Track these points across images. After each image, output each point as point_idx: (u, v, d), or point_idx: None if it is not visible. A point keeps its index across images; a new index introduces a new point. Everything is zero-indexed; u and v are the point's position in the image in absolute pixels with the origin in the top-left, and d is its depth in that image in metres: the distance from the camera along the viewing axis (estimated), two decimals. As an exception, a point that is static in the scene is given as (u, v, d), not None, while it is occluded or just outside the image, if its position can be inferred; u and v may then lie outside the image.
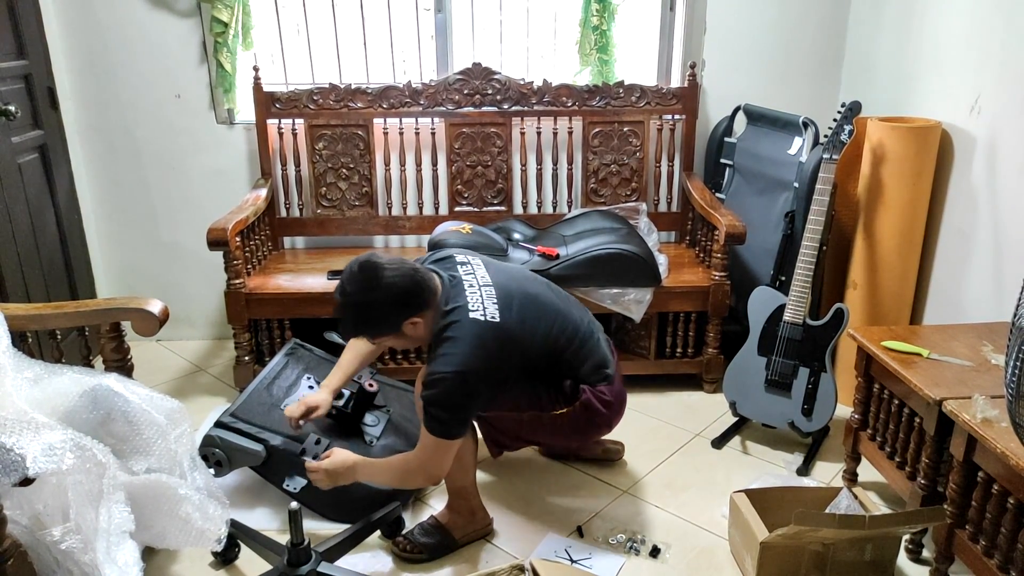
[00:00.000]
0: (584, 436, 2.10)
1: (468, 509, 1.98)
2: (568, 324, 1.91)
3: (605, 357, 1.97)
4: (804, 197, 2.44)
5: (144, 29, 2.81)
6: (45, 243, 2.66)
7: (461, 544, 1.97)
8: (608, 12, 2.84)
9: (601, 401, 1.92)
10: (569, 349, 1.89)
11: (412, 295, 1.71)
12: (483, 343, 1.71)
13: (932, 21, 2.44)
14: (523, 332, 1.80)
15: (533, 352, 1.83)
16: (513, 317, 1.78)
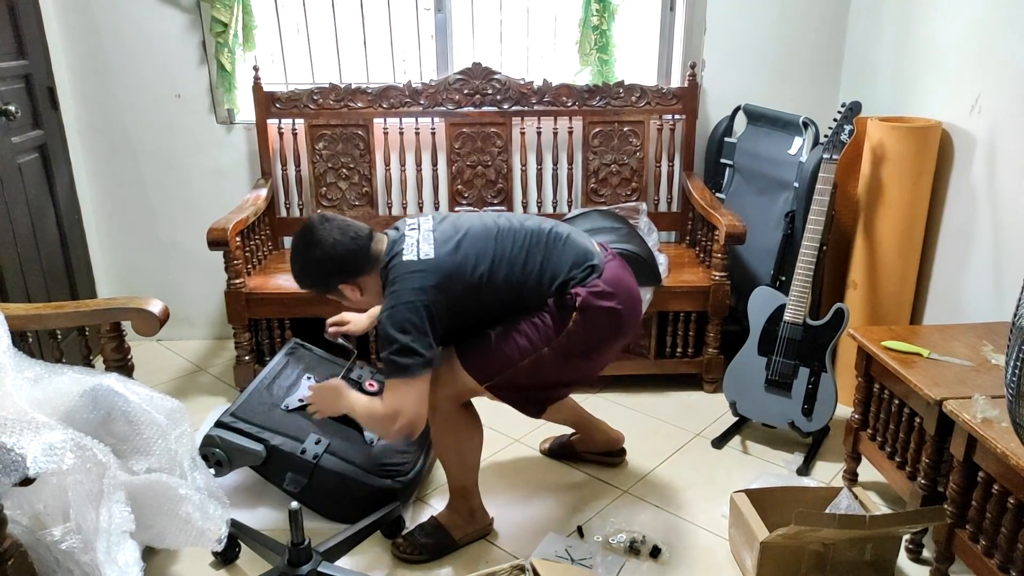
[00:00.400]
0: (605, 346, 1.86)
1: (468, 509, 1.97)
2: (525, 233, 1.81)
3: (585, 250, 1.83)
4: (804, 197, 2.44)
5: (144, 29, 2.81)
6: (45, 243, 2.66)
7: (461, 544, 1.96)
8: (608, 12, 2.84)
9: (597, 295, 1.77)
10: (538, 258, 1.78)
11: (342, 262, 1.74)
12: (412, 279, 1.70)
13: (932, 21, 2.44)
14: (465, 258, 1.74)
15: (491, 276, 1.75)
16: (448, 248, 1.75)
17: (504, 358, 1.78)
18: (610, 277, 1.82)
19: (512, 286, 1.78)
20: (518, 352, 1.78)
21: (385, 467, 2.07)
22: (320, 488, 2.01)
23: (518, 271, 1.78)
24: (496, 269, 1.77)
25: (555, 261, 1.80)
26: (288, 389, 2.19)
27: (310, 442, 2.04)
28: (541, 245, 1.82)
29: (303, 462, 2.00)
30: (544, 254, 1.80)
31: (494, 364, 1.79)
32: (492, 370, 1.79)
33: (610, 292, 1.79)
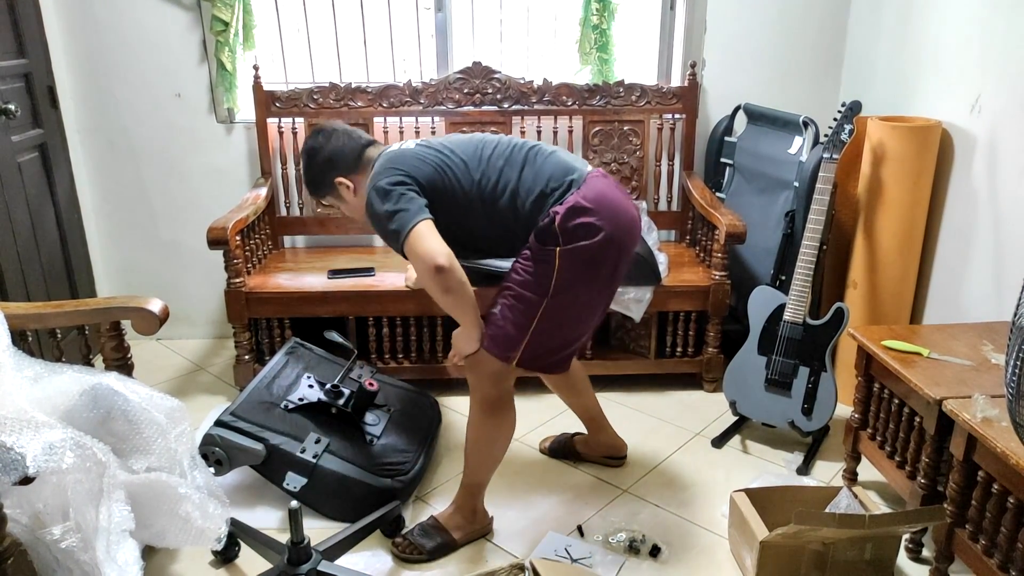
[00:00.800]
0: (601, 272, 1.78)
1: (471, 508, 1.97)
2: (505, 142, 1.84)
3: (566, 165, 1.79)
4: (804, 196, 2.44)
5: (144, 28, 2.81)
6: (45, 242, 2.66)
7: (461, 545, 1.96)
8: (608, 11, 2.84)
9: (574, 211, 1.70)
10: (516, 170, 1.77)
11: (339, 155, 1.86)
12: (389, 159, 1.80)
13: (932, 21, 2.44)
14: (441, 152, 1.81)
15: (466, 176, 1.78)
16: (426, 145, 1.84)
17: (516, 328, 1.77)
18: (590, 191, 1.73)
19: (489, 195, 1.78)
20: (525, 317, 1.76)
21: (385, 466, 2.07)
22: (320, 487, 2.01)
23: (494, 177, 1.79)
24: (473, 171, 1.79)
25: (533, 173, 1.78)
26: (288, 388, 2.20)
27: (310, 441, 2.04)
28: (521, 157, 1.81)
29: (303, 461, 2.00)
30: (523, 166, 1.79)
31: (510, 339, 1.78)
32: (511, 345, 1.79)
33: (588, 208, 1.71)
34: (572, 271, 1.73)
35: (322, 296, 2.55)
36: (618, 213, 1.76)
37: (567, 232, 1.71)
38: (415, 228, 1.69)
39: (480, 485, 1.96)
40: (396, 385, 2.44)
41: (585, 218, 1.71)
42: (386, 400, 2.32)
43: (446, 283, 1.70)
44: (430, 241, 1.69)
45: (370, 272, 2.68)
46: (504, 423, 1.90)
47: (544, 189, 1.75)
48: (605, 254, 1.75)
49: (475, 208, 1.79)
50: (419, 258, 1.70)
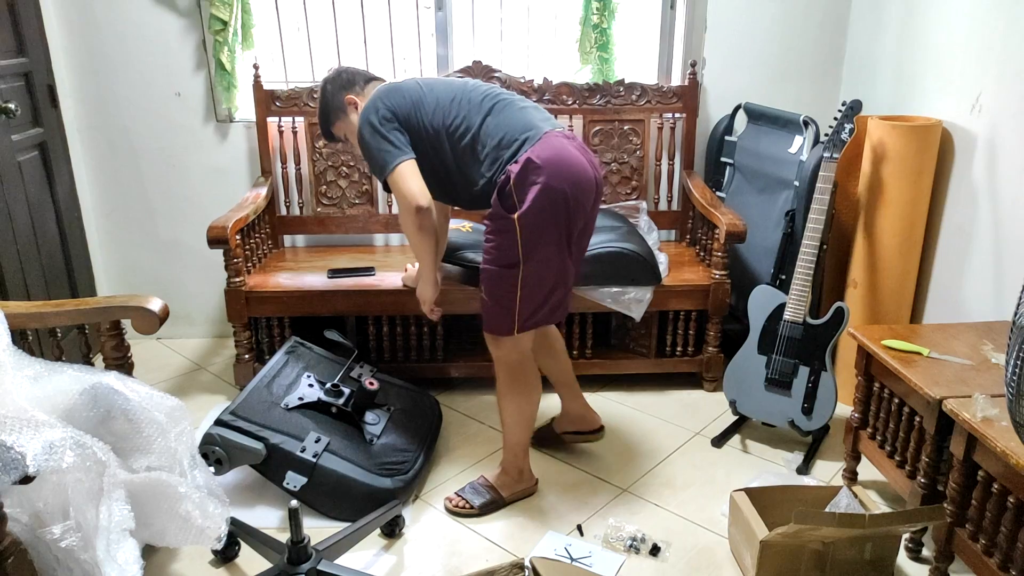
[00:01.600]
0: (552, 228, 1.86)
1: (517, 468, 2.10)
2: (481, 90, 1.98)
3: (527, 121, 1.90)
4: (804, 196, 2.44)
5: (144, 27, 2.81)
6: (45, 241, 2.66)
7: (508, 502, 2.09)
8: (608, 10, 2.83)
9: (528, 168, 1.80)
10: (478, 116, 1.92)
11: (351, 78, 2.07)
12: (382, 93, 1.98)
13: (933, 20, 2.44)
14: (423, 88, 1.99)
15: (438, 112, 1.94)
16: (419, 81, 2.02)
17: (506, 303, 1.91)
18: (544, 149, 1.83)
19: (453, 138, 1.94)
20: (508, 291, 1.90)
21: (385, 466, 2.07)
22: (320, 487, 2.01)
23: (458, 121, 1.93)
24: (444, 113, 1.94)
25: (495, 123, 1.91)
26: (288, 387, 2.20)
27: (310, 441, 2.04)
28: (488, 106, 1.94)
29: (303, 460, 2.00)
30: (487, 115, 1.93)
31: (505, 315, 1.93)
32: (508, 319, 1.93)
33: (538, 165, 1.81)
34: (534, 233, 1.85)
35: (322, 295, 2.55)
36: (569, 169, 1.85)
37: (520, 189, 1.82)
38: (400, 166, 1.90)
39: (521, 445, 2.09)
40: (396, 384, 2.44)
41: (535, 176, 1.82)
42: (386, 399, 2.32)
43: (422, 222, 1.93)
44: (412, 181, 1.90)
45: (370, 272, 2.68)
46: (528, 383, 2.04)
47: (500, 141, 1.89)
48: (558, 210, 1.85)
49: (443, 149, 1.96)
50: (402, 195, 1.92)
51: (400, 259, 2.87)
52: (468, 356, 2.72)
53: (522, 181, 1.82)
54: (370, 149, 1.95)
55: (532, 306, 1.93)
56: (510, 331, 1.95)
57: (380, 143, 1.92)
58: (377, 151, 1.93)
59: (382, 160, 1.92)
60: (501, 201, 1.86)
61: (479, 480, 2.12)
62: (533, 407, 2.08)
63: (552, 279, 1.94)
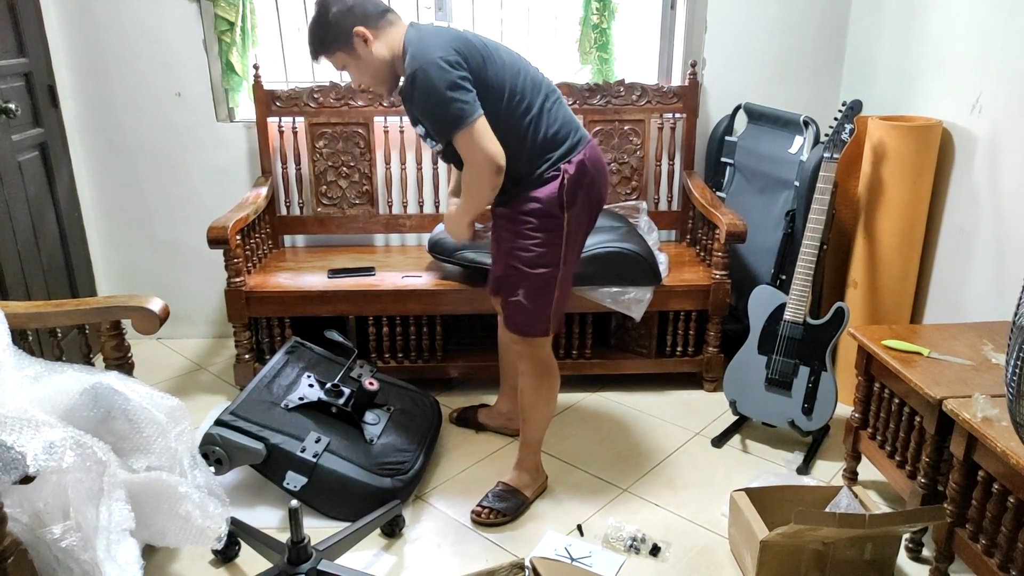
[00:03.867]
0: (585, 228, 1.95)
1: (534, 465, 2.12)
2: (533, 70, 1.90)
3: (576, 121, 1.93)
4: (805, 196, 2.44)
5: (144, 27, 2.81)
6: (45, 241, 2.66)
7: (532, 500, 2.11)
8: (608, 10, 2.83)
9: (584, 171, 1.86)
10: (539, 97, 1.85)
11: (360, 6, 1.81)
12: (440, 40, 1.75)
13: (933, 20, 2.44)
14: (490, 47, 1.83)
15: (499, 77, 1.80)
16: (477, 36, 1.84)
17: (544, 306, 1.93)
18: (593, 153, 1.90)
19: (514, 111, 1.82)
20: (546, 294, 1.92)
21: (385, 466, 2.07)
22: (320, 487, 2.01)
23: (521, 95, 1.82)
24: (511, 79, 1.82)
25: (553, 108, 1.87)
26: (288, 387, 2.20)
27: (310, 440, 2.04)
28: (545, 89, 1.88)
29: (303, 461, 2.00)
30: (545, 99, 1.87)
31: (542, 317, 1.95)
32: (544, 321, 1.96)
33: (590, 171, 1.87)
34: (575, 235, 1.90)
35: (322, 295, 2.55)
36: (605, 175, 1.96)
37: (573, 191, 1.84)
38: (477, 122, 1.72)
39: (540, 442, 2.12)
40: (396, 384, 2.44)
41: (587, 179, 1.87)
42: (386, 399, 2.32)
43: (496, 182, 1.78)
44: (491, 139, 1.73)
45: (370, 272, 2.68)
46: (554, 380, 2.07)
47: (558, 131, 1.86)
48: (593, 215, 1.96)
49: (499, 115, 1.80)
50: (480, 152, 1.73)
51: (400, 259, 2.87)
52: (467, 356, 2.72)
53: (576, 183, 1.85)
54: (436, 104, 1.72)
55: (561, 306, 1.98)
56: (545, 332, 1.98)
57: (452, 98, 1.70)
58: (447, 105, 1.70)
59: (452, 116, 1.70)
60: (554, 199, 1.84)
61: (499, 487, 2.10)
62: (554, 405, 2.11)
63: (573, 275, 2.00)
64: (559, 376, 2.09)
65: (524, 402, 2.07)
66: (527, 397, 2.06)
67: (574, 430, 2.49)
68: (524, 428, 2.10)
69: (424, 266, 2.74)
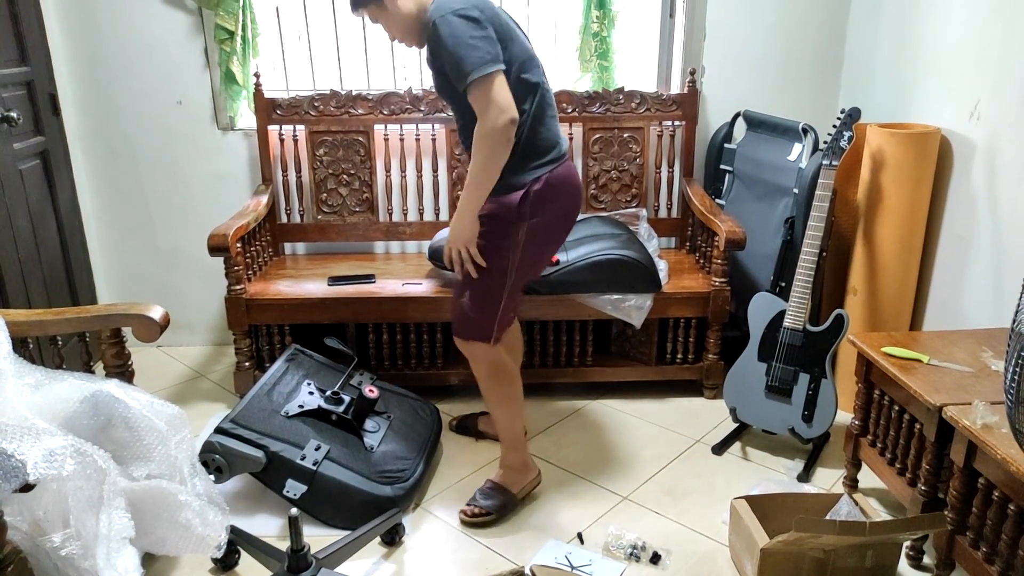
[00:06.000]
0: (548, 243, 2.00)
1: (520, 462, 2.11)
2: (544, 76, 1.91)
3: (561, 135, 1.96)
4: (804, 203, 2.44)
5: (146, 35, 2.82)
6: (46, 249, 2.66)
7: (520, 498, 2.11)
8: (608, 19, 2.85)
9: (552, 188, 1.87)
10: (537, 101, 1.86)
11: None
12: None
13: (930, 28, 2.45)
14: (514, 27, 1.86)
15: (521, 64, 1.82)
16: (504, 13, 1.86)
17: (489, 314, 1.95)
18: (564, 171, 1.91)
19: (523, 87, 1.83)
20: (493, 302, 1.93)
21: (385, 474, 2.07)
22: (320, 495, 2.01)
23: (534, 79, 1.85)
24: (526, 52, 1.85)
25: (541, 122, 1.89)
26: (288, 395, 2.20)
27: (310, 448, 2.04)
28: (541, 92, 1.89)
29: (303, 468, 2.00)
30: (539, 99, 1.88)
31: (487, 325, 1.96)
32: (488, 329, 1.96)
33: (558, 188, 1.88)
34: (534, 248, 1.92)
35: (322, 303, 2.55)
36: (575, 195, 1.97)
37: (538, 205, 1.86)
38: (496, 74, 1.70)
39: (518, 437, 2.10)
40: (396, 392, 2.44)
41: (556, 198, 1.89)
42: (386, 407, 2.32)
43: (508, 135, 1.72)
44: (504, 91, 1.70)
45: (370, 279, 2.68)
46: (507, 376, 2.06)
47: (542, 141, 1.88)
48: (559, 227, 1.98)
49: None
50: (495, 105, 1.69)
51: (400, 266, 2.88)
52: (467, 363, 2.71)
53: (541, 199, 1.87)
54: (460, 45, 1.69)
55: (508, 312, 1.98)
56: (486, 339, 1.97)
57: (478, 43, 1.69)
58: (471, 49, 1.68)
59: (476, 59, 1.68)
60: (514, 206, 1.85)
61: (486, 485, 2.12)
62: (518, 398, 2.09)
63: (526, 280, 2.02)
64: (516, 371, 2.09)
65: (486, 402, 2.10)
66: (487, 397, 2.09)
67: (574, 438, 2.49)
68: (496, 427, 2.13)
69: (424, 273, 2.74)
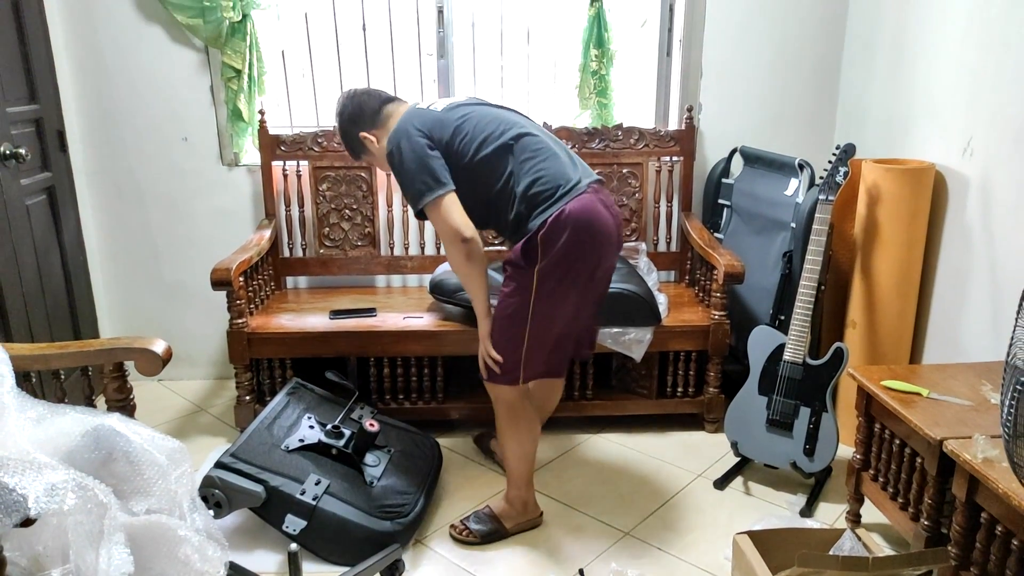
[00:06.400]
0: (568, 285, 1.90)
1: (522, 501, 2.13)
2: (515, 121, 1.94)
3: (560, 171, 1.88)
4: (801, 237, 2.47)
5: (153, 74, 2.88)
6: (50, 283, 2.68)
7: (511, 533, 2.13)
8: (607, 58, 2.91)
9: (559, 225, 1.82)
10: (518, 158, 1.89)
11: (358, 112, 2.02)
12: (410, 119, 1.93)
13: (923, 66, 2.50)
14: (460, 121, 1.92)
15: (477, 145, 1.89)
16: (454, 111, 1.94)
17: (513, 356, 1.95)
18: (577, 205, 1.84)
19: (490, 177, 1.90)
20: (515, 344, 1.94)
21: (385, 509, 2.06)
22: (319, 530, 2.00)
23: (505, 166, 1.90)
24: (481, 145, 1.90)
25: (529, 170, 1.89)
26: (289, 429, 2.19)
27: (310, 483, 2.03)
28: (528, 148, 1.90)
29: (302, 503, 1.99)
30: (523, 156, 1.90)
31: (511, 367, 1.97)
32: (514, 371, 1.97)
33: (564, 223, 1.83)
34: (548, 290, 1.88)
35: (324, 336, 2.56)
36: (594, 228, 1.87)
37: (547, 245, 1.85)
38: (443, 198, 1.86)
39: (524, 478, 2.11)
40: (397, 426, 2.44)
41: (562, 233, 1.84)
42: (386, 441, 2.31)
43: (470, 250, 1.88)
44: (454, 214, 1.86)
45: (372, 313, 2.69)
46: (524, 422, 2.07)
47: (532, 188, 1.87)
48: (579, 269, 1.89)
49: (480, 180, 1.92)
50: (444, 229, 1.89)
51: (401, 300, 2.89)
52: (468, 398, 2.72)
53: (549, 238, 1.84)
54: (404, 177, 1.89)
55: (534, 362, 1.98)
56: (509, 382, 2.00)
57: (416, 172, 1.86)
58: (411, 181, 1.87)
59: (416, 191, 1.87)
60: (525, 252, 1.88)
61: (484, 510, 2.15)
62: (532, 442, 2.11)
63: (559, 330, 1.98)
64: (535, 417, 2.11)
65: (499, 437, 2.13)
66: (500, 433, 2.12)
67: (575, 472, 2.48)
68: (506, 462, 2.16)
69: (425, 307, 2.76)
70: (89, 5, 2.80)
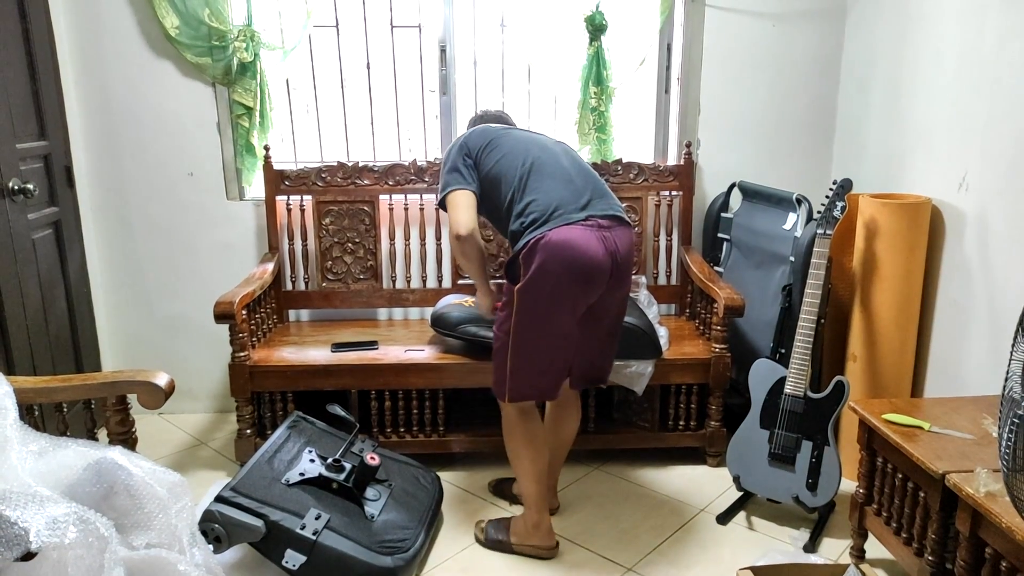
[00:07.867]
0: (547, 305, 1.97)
1: (533, 521, 2.16)
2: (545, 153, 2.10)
3: (559, 199, 2.00)
4: (800, 271, 2.48)
5: (161, 110, 2.93)
6: (54, 316, 2.69)
7: (516, 552, 2.18)
8: (606, 95, 2.95)
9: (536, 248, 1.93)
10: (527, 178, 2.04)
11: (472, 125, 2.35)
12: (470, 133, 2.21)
13: (918, 102, 2.54)
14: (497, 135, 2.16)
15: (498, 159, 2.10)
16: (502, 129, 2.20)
17: (499, 371, 2.07)
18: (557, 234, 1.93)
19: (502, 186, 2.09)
20: (501, 359, 2.05)
21: (385, 543, 2.04)
22: (319, 565, 1.98)
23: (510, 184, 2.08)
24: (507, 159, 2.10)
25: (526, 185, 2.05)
26: (289, 463, 2.19)
27: (310, 518, 2.02)
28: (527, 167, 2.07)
29: (302, 538, 1.98)
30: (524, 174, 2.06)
31: (500, 379, 2.07)
32: (501, 385, 2.07)
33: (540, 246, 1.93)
34: (527, 307, 1.97)
35: (325, 369, 2.57)
36: (567, 253, 1.93)
37: (526, 265, 1.95)
38: (454, 193, 2.09)
39: (530, 496, 2.15)
40: (398, 460, 2.43)
41: (548, 260, 1.92)
42: (387, 475, 2.30)
43: (462, 247, 2.09)
44: (460, 211, 2.07)
45: (373, 346, 2.70)
46: (522, 438, 2.12)
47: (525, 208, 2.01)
48: (556, 293, 1.95)
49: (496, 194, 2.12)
50: (450, 219, 2.10)
51: (402, 333, 2.90)
52: (470, 431, 2.71)
53: (527, 259, 1.95)
54: (442, 171, 2.17)
55: (520, 380, 2.05)
56: (502, 396, 2.10)
57: (447, 172, 2.13)
58: (444, 175, 2.15)
59: (441, 185, 2.14)
60: (509, 268, 2.03)
61: (505, 519, 2.25)
62: (532, 462, 2.13)
63: (543, 353, 2.04)
64: (539, 440, 2.15)
65: (507, 450, 2.20)
66: (506, 446, 2.19)
67: (577, 507, 2.47)
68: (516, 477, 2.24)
69: (427, 340, 2.77)
70: (99, 43, 2.86)
